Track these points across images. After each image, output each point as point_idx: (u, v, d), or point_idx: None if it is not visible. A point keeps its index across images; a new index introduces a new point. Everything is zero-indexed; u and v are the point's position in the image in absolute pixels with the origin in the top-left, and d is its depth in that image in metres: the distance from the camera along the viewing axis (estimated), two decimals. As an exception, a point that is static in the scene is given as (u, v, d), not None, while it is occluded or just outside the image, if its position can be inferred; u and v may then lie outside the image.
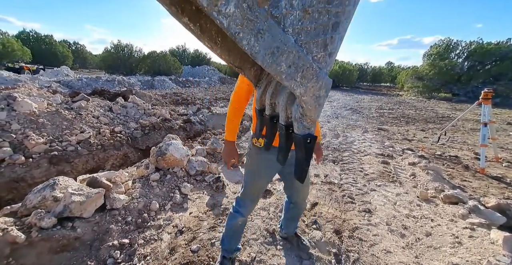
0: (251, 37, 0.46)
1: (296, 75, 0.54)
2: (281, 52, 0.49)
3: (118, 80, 13.49)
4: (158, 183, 2.27)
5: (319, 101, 0.60)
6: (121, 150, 3.59)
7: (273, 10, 0.46)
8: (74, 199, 1.49)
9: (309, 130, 0.63)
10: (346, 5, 0.53)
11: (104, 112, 4.40)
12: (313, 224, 1.84)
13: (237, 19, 0.43)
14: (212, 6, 0.40)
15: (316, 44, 0.54)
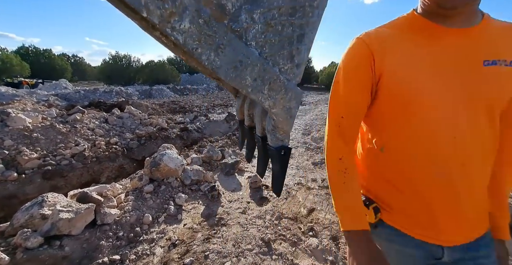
0: (210, 52, 0.44)
1: (263, 87, 0.52)
2: (245, 66, 0.48)
3: (116, 90, 13.59)
4: (152, 195, 2.24)
5: (290, 113, 0.58)
6: (116, 162, 3.57)
7: (233, 24, 0.45)
8: (62, 216, 1.46)
9: (282, 142, 0.61)
10: (310, 17, 0.52)
11: (100, 124, 4.40)
12: (309, 231, 1.80)
13: (193, 35, 0.41)
14: (164, 23, 0.39)
15: (282, 56, 0.53)
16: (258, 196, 2.42)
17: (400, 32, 0.61)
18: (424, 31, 0.58)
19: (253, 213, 2.08)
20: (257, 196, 2.41)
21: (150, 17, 0.37)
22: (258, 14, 0.46)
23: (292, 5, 0.48)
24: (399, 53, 0.58)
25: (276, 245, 1.66)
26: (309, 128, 5.89)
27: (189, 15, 0.39)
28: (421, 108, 0.56)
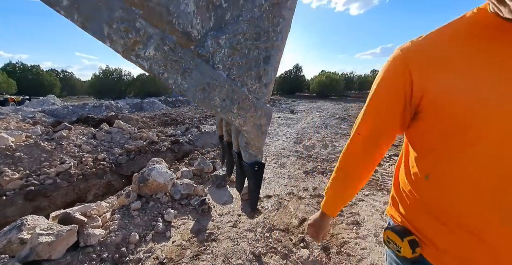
0: (177, 76, 0.46)
1: (232, 107, 0.55)
2: (213, 87, 0.50)
3: (105, 105, 13.43)
4: (140, 212, 2.17)
5: (261, 130, 0.61)
6: (104, 179, 3.47)
7: (199, 49, 0.47)
8: (42, 240, 1.39)
9: (255, 158, 0.63)
10: (274, 41, 0.55)
11: (87, 140, 4.31)
12: (300, 242, 1.78)
13: (159, 61, 0.44)
14: (128, 51, 0.41)
15: (250, 76, 0.56)
16: (249, 208, 2.39)
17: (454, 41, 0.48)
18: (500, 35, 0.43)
19: (244, 226, 2.04)
20: (249, 208, 2.38)
21: (113, 46, 0.39)
22: (224, 39, 0.49)
23: (257, 30, 0.52)
24: (456, 67, 0.46)
25: (267, 259, 1.63)
26: (300, 137, 5.94)
27: (154, 43, 0.42)
28: (486, 139, 0.44)
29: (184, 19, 0.44)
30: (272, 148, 4.89)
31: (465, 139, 0.46)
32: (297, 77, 35.19)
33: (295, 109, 12.90)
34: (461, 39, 0.47)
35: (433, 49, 0.49)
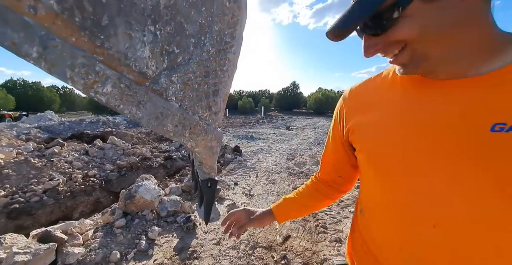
0: (132, 108, 0.55)
1: (184, 132, 0.63)
2: (165, 116, 0.59)
3: (102, 120, 13.55)
4: (123, 230, 2.16)
5: (212, 151, 0.69)
6: (92, 196, 3.44)
7: (153, 85, 0.57)
8: (18, 259, 1.39)
9: (209, 175, 0.70)
10: (222, 77, 0.65)
11: (79, 156, 4.33)
12: (282, 259, 1.77)
13: (115, 96, 0.52)
14: (88, 89, 0.50)
15: (201, 106, 0.65)
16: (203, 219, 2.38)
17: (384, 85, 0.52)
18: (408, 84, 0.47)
19: (227, 244, 2.03)
20: (234, 226, 2.37)
21: (74, 86, 0.48)
22: (176, 77, 0.59)
23: (206, 70, 0.62)
24: (369, 110, 0.52)
25: (246, 278, 1.61)
26: (293, 153, 6.01)
27: (111, 82, 0.51)
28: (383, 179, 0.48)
29: (140, 62, 0.54)
30: (264, 164, 4.93)
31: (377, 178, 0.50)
32: (295, 94, 36.13)
33: (291, 126, 13.10)
34: (387, 87, 0.51)
35: (363, 92, 0.57)
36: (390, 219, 0.48)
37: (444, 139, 0.39)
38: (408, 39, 0.38)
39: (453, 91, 0.40)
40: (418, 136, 0.42)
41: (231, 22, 0.65)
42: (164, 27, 0.57)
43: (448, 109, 0.40)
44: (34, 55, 0.42)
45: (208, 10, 0.62)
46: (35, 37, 0.41)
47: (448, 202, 0.39)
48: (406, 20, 0.36)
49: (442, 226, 0.40)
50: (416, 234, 0.43)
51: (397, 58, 0.41)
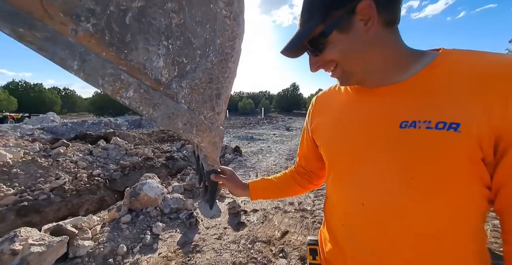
0: (149, 109, 0.66)
1: (192, 129, 0.74)
2: (176, 116, 0.70)
3: (104, 122, 13.68)
4: (129, 225, 2.26)
5: (215, 145, 0.79)
6: (97, 194, 3.55)
7: (166, 90, 0.68)
8: (33, 250, 1.49)
9: (212, 167, 0.81)
10: (223, 83, 0.76)
11: (84, 156, 4.44)
12: (280, 252, 1.87)
13: (136, 99, 0.63)
14: (115, 94, 0.61)
15: (206, 107, 0.76)
16: (235, 221, 2.48)
17: (338, 93, 0.63)
18: (351, 92, 0.58)
19: (228, 239, 2.13)
20: (235, 222, 2.47)
21: (104, 91, 0.60)
22: (185, 83, 0.70)
23: (210, 77, 0.73)
24: (325, 114, 0.63)
25: (246, 269, 1.71)
26: (293, 153, 6.10)
27: (133, 88, 0.62)
28: (333, 168, 0.59)
29: (156, 71, 0.65)
30: (264, 164, 5.03)
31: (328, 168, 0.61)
32: (295, 95, 36.24)
33: (291, 127, 13.19)
34: (341, 93, 0.62)
35: (325, 97, 0.69)
36: (338, 201, 0.59)
37: (371, 134, 0.50)
38: (336, 60, 0.50)
39: (378, 96, 0.51)
40: (354, 132, 0.53)
41: (231, 36, 0.77)
42: (175, 42, 0.68)
43: (374, 110, 0.50)
44: (75, 67, 0.54)
45: (212, 26, 0.73)
46: (76, 53, 0.52)
47: (371, 185, 0.49)
48: (330, 45, 0.48)
49: (367, 204, 0.49)
50: (352, 212, 0.53)
51: (333, 73, 0.53)
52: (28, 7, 0.44)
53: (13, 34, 0.43)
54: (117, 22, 0.56)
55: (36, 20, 0.45)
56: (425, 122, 0.42)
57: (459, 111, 0.39)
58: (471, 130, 0.38)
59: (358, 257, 0.53)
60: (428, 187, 0.42)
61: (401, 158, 0.44)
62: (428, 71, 0.45)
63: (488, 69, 0.39)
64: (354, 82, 0.53)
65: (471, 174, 0.40)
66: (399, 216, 0.45)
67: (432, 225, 0.43)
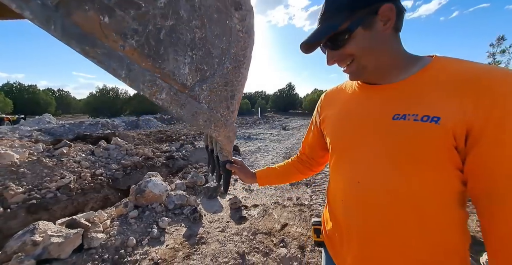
0: (177, 108, 0.80)
1: (211, 125, 0.88)
2: (198, 114, 0.83)
3: (101, 123, 13.65)
4: (136, 220, 2.37)
5: (230, 139, 0.93)
6: (101, 193, 3.64)
7: (191, 92, 0.81)
8: (53, 241, 1.60)
9: (227, 158, 0.95)
10: (236, 86, 0.90)
11: (86, 156, 4.52)
12: (280, 242, 2.01)
13: (167, 100, 0.77)
14: (152, 96, 0.74)
15: (221, 106, 0.89)
16: (237, 215, 2.62)
17: (345, 89, 0.72)
18: (357, 88, 0.67)
19: (231, 231, 2.27)
20: (237, 216, 2.61)
21: (144, 94, 0.73)
22: (205, 86, 0.83)
23: (225, 81, 0.87)
24: (333, 106, 0.73)
25: (250, 257, 1.85)
26: (289, 152, 6.25)
27: (165, 91, 0.76)
28: (336, 151, 0.68)
29: (182, 77, 0.78)
30: (262, 162, 5.16)
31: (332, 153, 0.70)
32: (290, 95, 36.42)
33: (287, 126, 13.34)
34: (347, 90, 0.71)
35: (333, 94, 0.78)
36: (338, 181, 0.68)
37: (368, 123, 0.58)
38: (354, 54, 0.56)
39: (378, 92, 0.59)
40: (355, 121, 0.62)
41: (243, 47, 0.91)
42: (197, 52, 0.82)
43: (373, 104, 0.59)
44: (123, 75, 0.67)
45: (227, 39, 0.88)
46: (124, 64, 0.66)
47: (366, 166, 0.58)
48: (352, 40, 0.54)
49: (362, 182, 0.58)
50: (349, 188, 0.61)
51: (348, 67, 0.60)
52: (91, 29, 0.57)
53: (81, 51, 0.57)
54: (154, 38, 0.70)
55: (96, 39, 0.59)
56: (413, 115, 0.50)
57: (441, 108, 0.47)
58: (448, 123, 0.46)
59: (352, 227, 0.61)
60: (411, 167, 0.50)
61: (392, 144, 0.53)
62: (421, 74, 0.53)
63: (465, 76, 0.47)
64: (365, 77, 0.60)
65: (446, 158, 0.48)
66: (387, 191, 0.53)
67: (413, 198, 0.51)
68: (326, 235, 0.77)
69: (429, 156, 0.49)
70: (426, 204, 0.51)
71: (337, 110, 0.70)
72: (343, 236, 0.65)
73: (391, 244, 0.55)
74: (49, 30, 0.55)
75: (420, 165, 0.50)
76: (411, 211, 0.52)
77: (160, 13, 0.70)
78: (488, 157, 0.43)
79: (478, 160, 0.44)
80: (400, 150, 0.52)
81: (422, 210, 0.51)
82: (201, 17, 0.80)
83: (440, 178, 0.49)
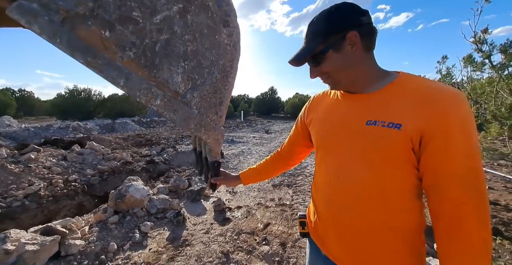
0: (171, 113, 0.87)
1: (201, 129, 0.96)
2: (190, 118, 0.91)
3: (72, 126, 12.75)
4: (117, 225, 2.32)
5: (218, 141, 1.02)
6: (75, 200, 3.45)
7: (183, 99, 0.89)
8: (28, 248, 1.53)
9: (215, 158, 1.03)
10: (224, 93, 1.00)
11: (57, 161, 4.25)
12: (263, 241, 2.11)
13: (162, 106, 0.84)
14: (147, 102, 0.81)
15: (211, 112, 0.98)
16: (221, 217, 2.66)
17: (329, 95, 0.82)
18: (339, 96, 0.76)
19: (215, 232, 2.31)
20: (221, 218, 2.65)
21: (140, 100, 0.80)
22: (196, 93, 0.92)
23: (214, 89, 0.96)
24: (319, 110, 0.82)
25: (234, 255, 1.91)
26: (272, 155, 6.40)
27: (159, 97, 0.83)
28: (320, 151, 0.78)
29: (175, 85, 0.86)
30: (245, 165, 5.24)
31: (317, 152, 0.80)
32: (273, 99, 37.00)
33: (270, 129, 13.57)
34: (330, 96, 0.82)
35: (319, 98, 0.87)
36: (321, 176, 0.77)
37: (346, 128, 0.68)
38: (329, 72, 0.68)
39: (355, 101, 0.70)
40: (335, 125, 0.72)
41: (230, 58, 1.02)
42: (189, 63, 0.91)
43: (350, 110, 0.69)
44: (121, 83, 0.74)
45: (216, 51, 0.98)
46: (123, 74, 0.73)
47: (344, 164, 0.68)
48: (327, 60, 0.66)
49: (341, 178, 0.68)
50: (331, 182, 0.72)
51: (325, 81, 0.72)
52: (93, 42, 0.63)
53: (84, 62, 0.63)
54: (150, 50, 0.78)
55: (98, 51, 0.66)
56: (382, 122, 0.60)
57: (403, 117, 0.57)
58: (407, 129, 0.56)
59: (332, 216, 0.72)
60: (380, 165, 0.60)
61: (365, 146, 0.62)
62: (389, 87, 0.63)
63: (422, 93, 0.57)
64: (341, 89, 0.73)
65: (406, 158, 0.58)
66: (360, 185, 0.63)
67: (381, 190, 0.61)
68: (311, 226, 0.85)
69: (393, 156, 0.59)
70: (390, 195, 0.61)
71: (322, 114, 0.80)
72: (326, 225, 0.75)
73: (361, 230, 0.65)
74: (55, 43, 0.61)
75: (387, 163, 0.60)
76: (379, 201, 0.62)
77: (156, 28, 0.78)
78: (433, 159, 0.54)
79: (427, 160, 0.55)
80: (371, 150, 0.61)
81: (387, 200, 0.61)
82: (193, 32, 0.89)
83: (401, 174, 0.60)
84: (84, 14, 0.64)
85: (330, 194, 0.73)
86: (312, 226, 0.85)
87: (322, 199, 0.76)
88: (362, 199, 0.64)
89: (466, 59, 2.95)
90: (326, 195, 0.74)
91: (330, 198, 0.73)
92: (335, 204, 0.70)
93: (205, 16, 0.92)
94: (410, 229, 0.63)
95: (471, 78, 3.10)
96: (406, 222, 0.62)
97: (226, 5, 0.97)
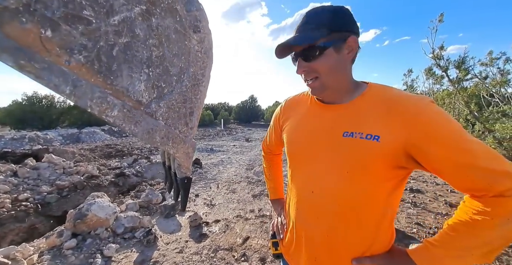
0: (131, 125, 0.76)
1: (168, 142, 0.86)
2: (155, 131, 0.81)
3: (29, 137, 11.42)
4: (74, 251, 2.03)
5: (189, 155, 0.93)
6: (25, 222, 3.00)
7: (146, 109, 0.79)
8: (-50, 291, 1.24)
9: (185, 174, 0.93)
10: (195, 103, 0.92)
11: (5, 178, 3.70)
12: (242, 257, 1.99)
13: (120, 117, 0.73)
14: (101, 113, 0.70)
15: (180, 123, 0.89)
16: (197, 233, 2.49)
17: (303, 102, 0.78)
18: (312, 104, 0.74)
19: (190, 251, 2.13)
20: (197, 234, 2.47)
21: (92, 111, 0.69)
22: (163, 103, 0.83)
23: (184, 98, 0.88)
24: (292, 118, 0.78)
25: (211, 276, 1.77)
26: (252, 163, 6.32)
27: (117, 108, 0.73)
28: (293, 163, 0.74)
29: (137, 94, 0.76)
30: (225, 175, 5.08)
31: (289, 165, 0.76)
32: (253, 107, 37.24)
33: (250, 137, 13.51)
34: (305, 101, 0.78)
35: (292, 103, 0.84)
36: (294, 191, 0.74)
37: (321, 139, 0.66)
38: (320, 71, 0.61)
39: (330, 111, 0.68)
40: (309, 137, 0.69)
41: (202, 66, 0.95)
42: (155, 70, 0.83)
43: (326, 121, 0.67)
44: (67, 92, 0.63)
45: (186, 58, 0.91)
46: (69, 80, 0.63)
47: (319, 177, 0.65)
48: (323, 57, 0.60)
49: (315, 192, 0.65)
50: (304, 197, 0.69)
51: (312, 83, 0.65)
52: (28, 43, 0.53)
53: (15, 65, 0.52)
54: (106, 54, 0.68)
55: (35, 53, 0.55)
56: (359, 133, 0.59)
57: (379, 128, 0.57)
58: (386, 141, 0.56)
59: (307, 233, 0.69)
60: (357, 178, 0.59)
61: (341, 158, 0.61)
62: (361, 98, 0.63)
63: (393, 102, 0.58)
64: (324, 95, 0.67)
65: (383, 168, 0.58)
66: (336, 199, 0.62)
67: (356, 203, 0.61)
68: (283, 245, 0.82)
69: (372, 166, 0.58)
70: (364, 207, 0.61)
71: (295, 124, 0.77)
72: (299, 242, 0.72)
73: (332, 247, 0.65)
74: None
75: (364, 175, 0.59)
76: (353, 214, 0.61)
77: (114, 30, 0.69)
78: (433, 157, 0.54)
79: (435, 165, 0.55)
80: (350, 162, 0.60)
81: (361, 212, 0.61)
82: (158, 37, 0.81)
83: (377, 185, 0.59)
84: (17, 8, 0.53)
85: (302, 210, 0.70)
86: (284, 245, 0.81)
87: (296, 216, 0.73)
88: (336, 214, 0.63)
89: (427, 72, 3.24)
90: (298, 212, 0.72)
91: (301, 216, 0.70)
92: (308, 220, 0.68)
93: (173, 20, 0.85)
94: (382, 244, 0.64)
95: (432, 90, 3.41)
96: (378, 234, 0.63)
97: (196, 10, 0.91)
